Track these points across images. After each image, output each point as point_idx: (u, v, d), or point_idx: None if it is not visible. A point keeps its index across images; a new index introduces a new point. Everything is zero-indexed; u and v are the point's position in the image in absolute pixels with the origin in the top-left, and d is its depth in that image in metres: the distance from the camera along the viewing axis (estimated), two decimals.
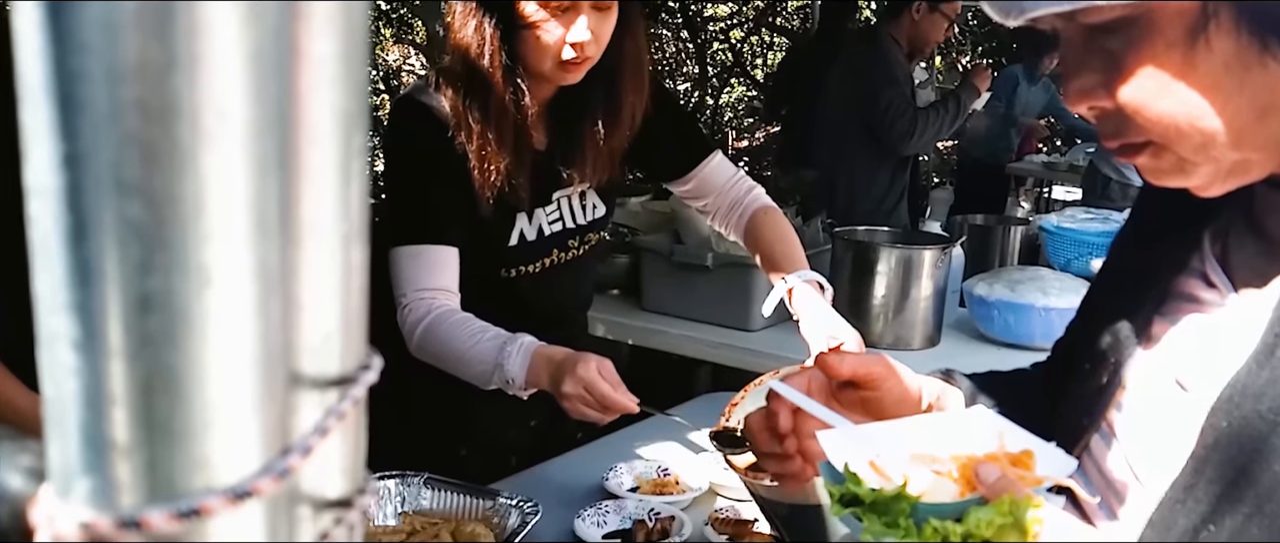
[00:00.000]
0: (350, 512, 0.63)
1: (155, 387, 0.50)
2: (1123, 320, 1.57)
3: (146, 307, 0.49)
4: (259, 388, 0.53)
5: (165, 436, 0.51)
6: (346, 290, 0.60)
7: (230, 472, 0.53)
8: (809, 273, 3.02)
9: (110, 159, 0.47)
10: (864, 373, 1.69)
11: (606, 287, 5.07)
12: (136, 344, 0.49)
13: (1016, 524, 1.20)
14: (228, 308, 0.51)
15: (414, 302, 2.78)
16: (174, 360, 0.50)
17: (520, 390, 2.68)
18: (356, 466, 0.64)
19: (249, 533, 0.55)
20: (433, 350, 2.76)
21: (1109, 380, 1.56)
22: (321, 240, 0.57)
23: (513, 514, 2.59)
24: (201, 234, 0.49)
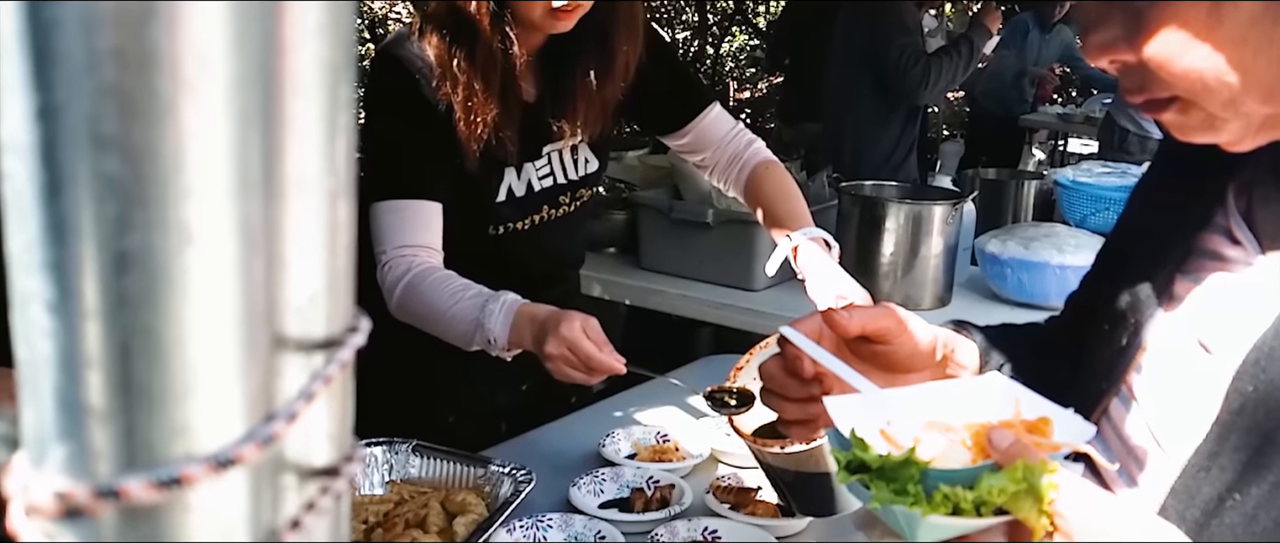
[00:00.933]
0: (337, 480, 0.62)
1: (133, 349, 0.50)
2: (1143, 279, 1.56)
3: (124, 266, 0.49)
4: (242, 351, 0.53)
5: (144, 400, 0.50)
6: (333, 249, 0.59)
7: (212, 439, 0.52)
8: (814, 230, 3.01)
9: (86, 112, 0.47)
10: (874, 328, 1.67)
11: (602, 244, 5.07)
12: (114, 305, 0.49)
13: (1031, 491, 1.20)
14: (209, 267, 0.50)
15: (394, 259, 2.77)
16: (153, 322, 0.50)
17: (502, 351, 2.67)
18: (344, 432, 0.64)
19: (231, 503, 0.54)
20: (413, 310, 2.75)
21: (1129, 342, 1.56)
22: (307, 196, 0.56)
23: (505, 483, 2.59)
24: (181, 190, 0.49)
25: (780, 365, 1.70)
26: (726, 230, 4.51)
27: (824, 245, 2.98)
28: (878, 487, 1.24)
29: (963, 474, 1.24)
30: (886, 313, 1.69)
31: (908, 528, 1.25)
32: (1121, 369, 1.56)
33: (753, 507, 2.65)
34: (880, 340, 1.68)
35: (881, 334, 1.67)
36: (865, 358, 1.68)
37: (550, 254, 3.25)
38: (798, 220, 3.05)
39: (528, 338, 2.61)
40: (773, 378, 1.71)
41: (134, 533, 0.52)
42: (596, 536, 2.51)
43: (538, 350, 2.58)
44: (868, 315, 1.67)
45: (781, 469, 2.13)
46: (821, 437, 1.93)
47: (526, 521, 2.53)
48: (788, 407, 1.72)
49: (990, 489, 1.20)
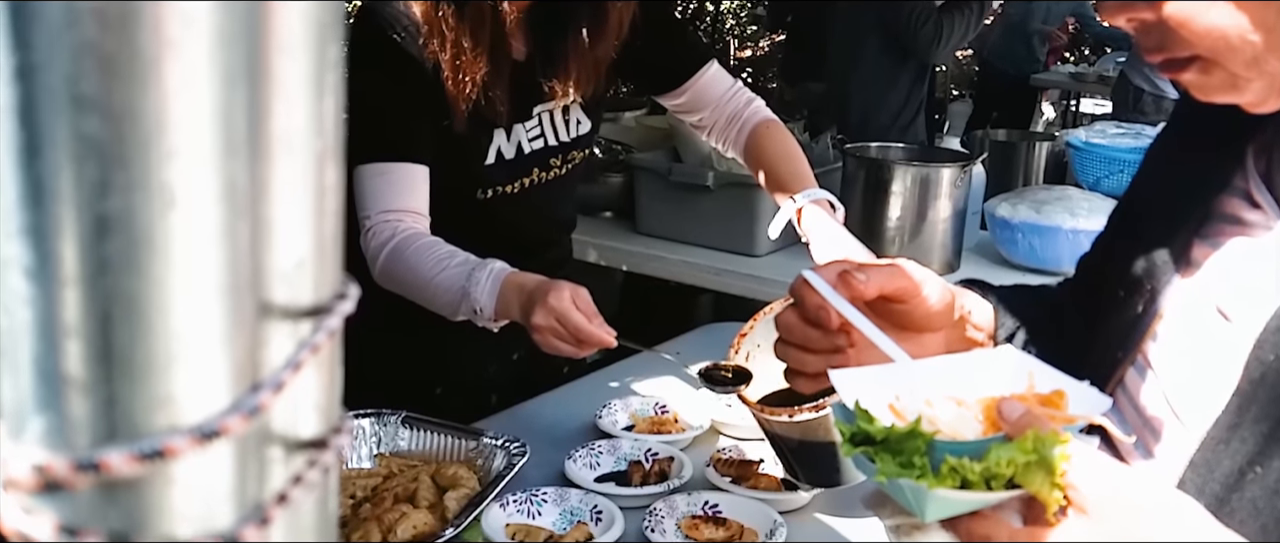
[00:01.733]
0: (325, 453, 0.62)
1: (114, 317, 0.50)
2: (1159, 244, 1.55)
3: (105, 230, 0.49)
4: (226, 318, 0.53)
5: (125, 370, 0.51)
6: (320, 213, 0.59)
7: (196, 410, 0.53)
8: (818, 192, 3.00)
9: (65, 71, 0.47)
10: (892, 289, 1.64)
11: (598, 208, 5.06)
12: (94, 271, 0.49)
13: (1042, 462, 1.20)
14: (192, 231, 0.50)
15: (378, 224, 2.75)
16: (135, 288, 0.50)
17: (489, 321, 2.67)
18: (332, 403, 0.64)
19: (216, 476, 0.55)
20: (397, 278, 2.74)
21: (1145, 309, 1.55)
22: (293, 158, 0.56)
23: (498, 456, 2.59)
24: (164, 151, 0.49)
25: (800, 317, 1.66)
26: (727, 194, 4.50)
27: (829, 208, 2.97)
28: (883, 460, 1.24)
29: (971, 446, 1.24)
30: (903, 272, 1.66)
31: (915, 504, 1.25)
32: (1137, 338, 1.56)
33: (755, 480, 2.65)
34: (897, 300, 1.65)
35: (899, 294, 1.65)
36: (881, 316, 1.65)
37: (541, 219, 3.24)
38: (801, 182, 3.04)
39: (515, 308, 2.60)
40: (792, 330, 1.67)
41: (115, 507, 0.52)
42: (593, 510, 2.51)
43: (525, 322, 2.58)
44: (884, 276, 1.64)
45: (787, 438, 2.13)
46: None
47: (520, 495, 2.53)
48: (811, 360, 1.68)
49: (999, 461, 1.20)
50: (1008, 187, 5.04)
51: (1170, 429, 1.48)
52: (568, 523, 2.50)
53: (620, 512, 2.48)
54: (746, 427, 2.92)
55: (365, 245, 2.74)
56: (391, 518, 2.33)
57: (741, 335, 2.21)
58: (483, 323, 2.67)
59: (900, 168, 4.24)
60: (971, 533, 1.26)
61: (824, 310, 1.60)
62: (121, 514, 0.52)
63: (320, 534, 0.64)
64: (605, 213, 5.10)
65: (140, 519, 0.53)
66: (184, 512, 0.54)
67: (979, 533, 1.25)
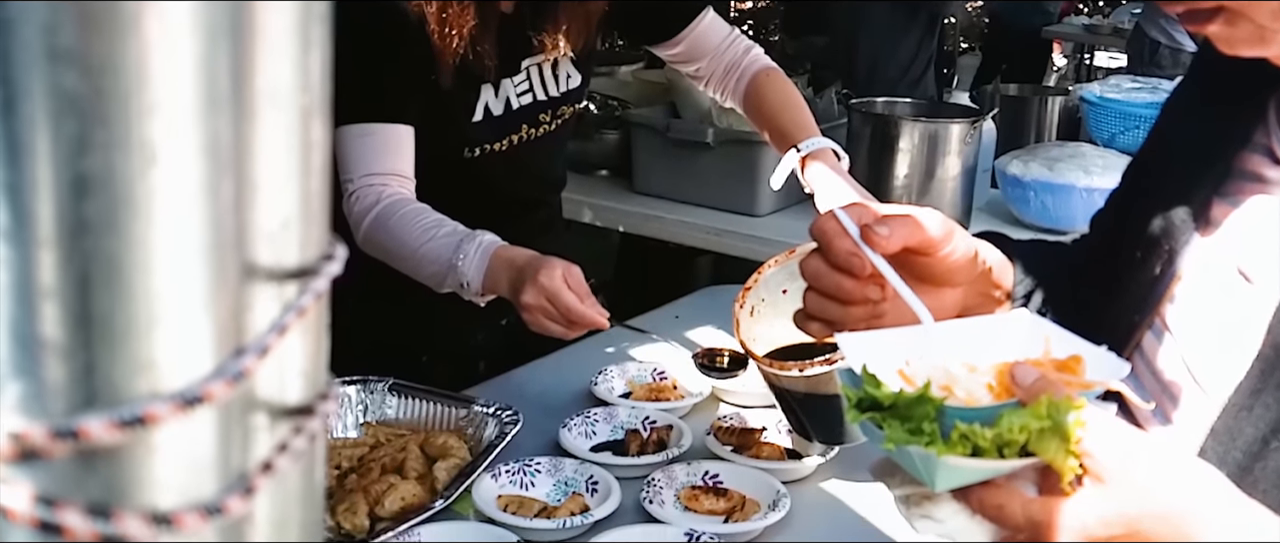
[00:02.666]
0: (311, 420, 0.62)
1: (93, 279, 0.50)
2: (1177, 203, 1.55)
3: (83, 189, 0.48)
4: (209, 280, 0.53)
5: (105, 334, 0.50)
6: (306, 171, 0.59)
7: (178, 375, 0.53)
8: (822, 140, 2.99)
9: (42, 21, 0.47)
10: (916, 242, 1.59)
11: (593, 167, 5.06)
12: (72, 231, 0.49)
13: (1056, 429, 1.20)
14: (174, 190, 0.50)
15: (362, 189, 2.74)
16: (114, 249, 0.50)
17: (476, 296, 2.67)
18: (318, 368, 0.64)
19: (198, 444, 0.55)
20: (381, 245, 2.73)
21: (1163, 271, 1.55)
22: (278, 113, 0.56)
23: (489, 424, 2.59)
24: (144, 106, 0.49)
25: (828, 263, 1.60)
26: (728, 151, 4.50)
27: (833, 157, 2.97)
28: (891, 426, 1.24)
29: (983, 412, 1.24)
30: (928, 224, 1.61)
31: (925, 472, 1.25)
32: (1155, 301, 1.55)
33: (757, 449, 2.65)
34: (920, 252, 1.61)
35: (922, 246, 1.60)
36: (901, 266, 1.58)
37: (530, 177, 3.23)
38: (804, 130, 3.04)
39: (504, 284, 2.60)
40: (821, 277, 1.61)
41: (94, 477, 0.52)
42: (588, 480, 2.52)
43: (514, 299, 2.57)
44: (908, 229, 1.58)
45: (796, 394, 2.13)
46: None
47: (513, 465, 2.53)
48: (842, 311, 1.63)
49: (1012, 427, 1.20)
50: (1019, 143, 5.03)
51: (1190, 396, 1.47)
52: (562, 494, 2.50)
53: (617, 482, 2.48)
54: (748, 393, 2.92)
55: (348, 210, 2.73)
56: (379, 490, 2.34)
57: (746, 290, 2.21)
58: (469, 297, 2.66)
59: (908, 124, 4.23)
60: (983, 503, 1.26)
61: (857, 257, 1.55)
62: (101, 484, 0.52)
63: (306, 505, 0.64)
64: (601, 171, 5.09)
65: (120, 489, 0.52)
66: (166, 481, 0.53)
67: (991, 503, 1.25)
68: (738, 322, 2.18)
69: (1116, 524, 1.21)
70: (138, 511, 0.52)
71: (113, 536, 0.52)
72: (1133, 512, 1.21)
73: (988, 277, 1.71)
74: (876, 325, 1.63)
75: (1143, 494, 1.21)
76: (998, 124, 4.87)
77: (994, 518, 1.27)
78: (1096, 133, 5.40)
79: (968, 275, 1.68)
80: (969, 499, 1.27)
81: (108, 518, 0.52)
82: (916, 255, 1.61)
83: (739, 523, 2.39)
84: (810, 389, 2.11)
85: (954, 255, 1.62)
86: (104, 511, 0.52)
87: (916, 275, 1.62)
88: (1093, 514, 1.21)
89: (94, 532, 0.51)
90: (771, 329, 2.13)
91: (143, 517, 0.52)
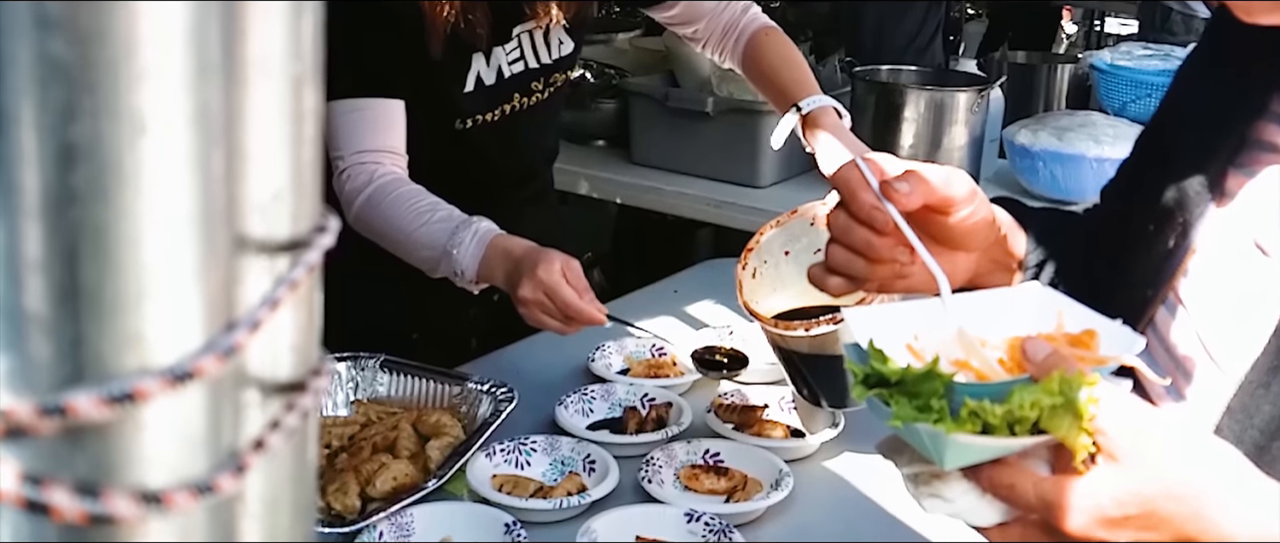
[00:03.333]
0: (304, 396, 0.63)
1: (81, 251, 0.50)
2: (1191, 173, 1.55)
3: (70, 158, 0.49)
4: (200, 253, 0.53)
5: (93, 307, 0.50)
6: (299, 140, 0.59)
7: (167, 350, 0.53)
8: (823, 98, 2.99)
9: None
10: (937, 200, 1.58)
11: (590, 137, 5.06)
12: (59, 201, 0.49)
13: (1069, 406, 1.20)
14: (164, 159, 0.50)
15: (354, 167, 2.73)
16: (103, 220, 0.50)
17: (470, 284, 2.67)
18: (310, 343, 0.64)
19: (188, 421, 0.55)
20: (373, 227, 2.72)
21: (1177, 244, 1.54)
22: (270, 82, 0.56)
23: (484, 402, 2.59)
24: (134, 74, 0.49)
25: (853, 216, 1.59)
26: (728, 121, 4.50)
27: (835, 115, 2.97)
28: (899, 403, 1.24)
29: (993, 388, 1.24)
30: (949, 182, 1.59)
31: (934, 450, 1.25)
32: (1168, 274, 1.55)
33: (759, 427, 2.66)
34: (940, 211, 1.59)
35: (943, 205, 1.58)
36: (917, 225, 1.57)
37: (522, 149, 3.21)
38: (805, 88, 3.03)
39: (499, 274, 2.60)
40: (849, 232, 1.60)
41: (82, 454, 0.52)
42: (585, 459, 2.52)
43: (510, 291, 2.57)
44: (928, 187, 1.56)
45: (803, 355, 2.14)
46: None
47: (508, 443, 2.53)
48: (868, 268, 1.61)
49: (1023, 403, 1.20)
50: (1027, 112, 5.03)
51: (1205, 372, 1.47)
52: (559, 474, 2.50)
53: (615, 461, 2.49)
54: (750, 370, 2.92)
55: (339, 188, 2.72)
56: (370, 469, 2.34)
57: (747, 251, 2.21)
58: (462, 285, 2.66)
59: (913, 92, 4.23)
60: (994, 482, 1.26)
61: (879, 211, 1.54)
62: (89, 461, 0.52)
63: (299, 484, 0.65)
64: (597, 142, 5.09)
65: (109, 467, 0.53)
66: (155, 459, 0.53)
67: (1002, 482, 1.26)
68: (740, 283, 2.18)
69: (1131, 504, 1.21)
70: (127, 489, 0.53)
71: (101, 514, 0.52)
72: (1148, 491, 1.21)
73: (1002, 244, 1.71)
74: (898, 289, 1.64)
75: (1158, 473, 1.21)
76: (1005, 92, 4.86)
77: (1005, 498, 1.27)
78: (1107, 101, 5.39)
79: (983, 240, 1.66)
80: (979, 478, 1.27)
81: (96, 497, 0.52)
82: (935, 214, 1.60)
83: (741, 503, 2.39)
84: (816, 350, 2.11)
85: (973, 218, 1.61)
86: (92, 489, 0.52)
87: (932, 235, 1.61)
88: (1106, 494, 1.21)
89: (82, 511, 0.51)
90: (774, 292, 2.14)
91: (132, 495, 0.52)
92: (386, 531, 2.20)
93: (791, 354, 2.16)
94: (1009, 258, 1.71)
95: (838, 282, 1.64)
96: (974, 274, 1.67)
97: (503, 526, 2.22)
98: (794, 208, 2.21)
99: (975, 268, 1.67)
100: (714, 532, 2.24)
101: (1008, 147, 4.47)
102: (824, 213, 2.25)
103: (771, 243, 2.20)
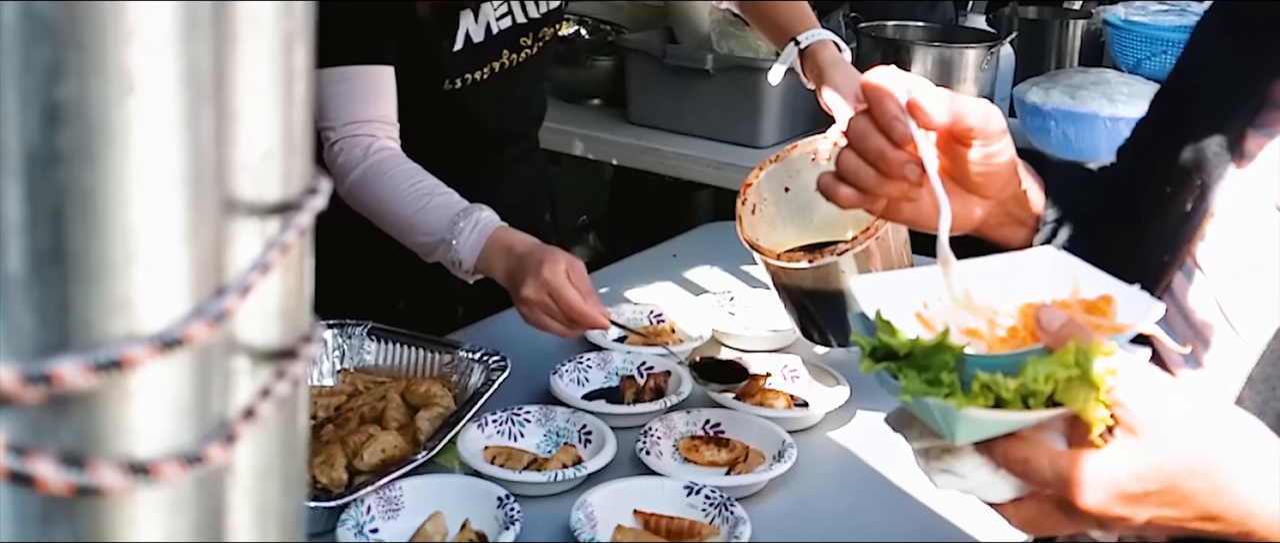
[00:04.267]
0: (294, 364, 0.63)
1: (67, 213, 0.50)
2: (1209, 134, 1.54)
3: (56, 118, 0.49)
4: (189, 215, 0.53)
5: (79, 272, 0.51)
6: (289, 100, 0.59)
7: (156, 315, 0.53)
8: (822, 32, 2.99)
9: None
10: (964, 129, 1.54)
11: (585, 96, 5.05)
12: (44, 162, 0.49)
13: (1085, 378, 1.20)
14: (152, 119, 0.50)
15: (346, 140, 2.73)
16: (89, 181, 0.50)
17: (466, 275, 2.66)
18: (301, 308, 0.64)
19: (177, 389, 0.55)
20: (368, 204, 2.72)
21: (1194, 207, 1.54)
22: (260, 38, 0.56)
23: (475, 371, 2.59)
24: (122, 32, 0.49)
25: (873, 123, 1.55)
26: (728, 79, 4.49)
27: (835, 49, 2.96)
28: (908, 376, 1.24)
29: (1006, 360, 1.23)
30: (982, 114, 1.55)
31: (945, 425, 1.25)
32: (1186, 239, 1.54)
33: (761, 396, 2.66)
34: (965, 141, 1.56)
35: (968, 135, 1.55)
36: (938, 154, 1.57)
37: (511, 107, 3.20)
38: (803, 23, 3.04)
39: (499, 269, 2.60)
40: (866, 137, 1.56)
41: (67, 424, 0.52)
42: (581, 430, 2.52)
43: (511, 288, 2.58)
44: (960, 106, 1.52)
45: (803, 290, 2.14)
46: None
47: (501, 414, 2.54)
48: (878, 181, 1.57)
49: (1037, 376, 1.20)
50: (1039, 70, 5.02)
51: (1225, 339, 1.47)
52: (553, 445, 2.51)
53: (612, 432, 2.49)
54: (752, 337, 2.92)
55: (330, 161, 2.71)
56: (357, 441, 2.34)
57: (746, 186, 2.21)
58: (459, 274, 2.65)
59: (920, 49, 4.23)
60: (1008, 457, 1.26)
61: (899, 121, 1.51)
62: (74, 431, 0.52)
63: (289, 454, 0.65)
64: (592, 101, 5.08)
65: (95, 437, 0.53)
66: (142, 429, 0.54)
67: (1016, 457, 1.25)
68: (740, 218, 2.18)
69: (1151, 480, 1.21)
70: (113, 460, 0.53)
71: (87, 485, 0.52)
72: (1168, 467, 1.21)
73: (1021, 198, 1.68)
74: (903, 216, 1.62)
75: (1179, 447, 1.20)
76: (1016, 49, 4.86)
77: (1019, 473, 1.27)
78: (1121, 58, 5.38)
79: (1000, 188, 1.63)
80: (992, 453, 1.27)
81: (82, 468, 0.52)
82: (958, 146, 1.58)
83: (742, 475, 2.39)
84: (819, 284, 2.11)
85: (995, 159, 1.58)
86: (78, 460, 0.52)
87: (950, 174, 1.59)
88: (1125, 469, 1.21)
89: (67, 482, 0.52)
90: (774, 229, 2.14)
91: (118, 466, 0.52)
92: (374, 505, 2.20)
93: (794, 291, 2.16)
94: (1025, 212, 1.69)
95: (847, 192, 1.61)
96: (985, 223, 1.65)
97: (495, 499, 2.23)
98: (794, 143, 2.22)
99: (987, 217, 1.65)
100: (715, 505, 2.24)
101: (1018, 106, 4.47)
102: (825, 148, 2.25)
103: (772, 178, 2.20)
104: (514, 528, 2.14)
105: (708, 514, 2.24)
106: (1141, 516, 1.24)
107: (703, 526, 2.22)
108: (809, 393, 2.71)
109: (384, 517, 2.20)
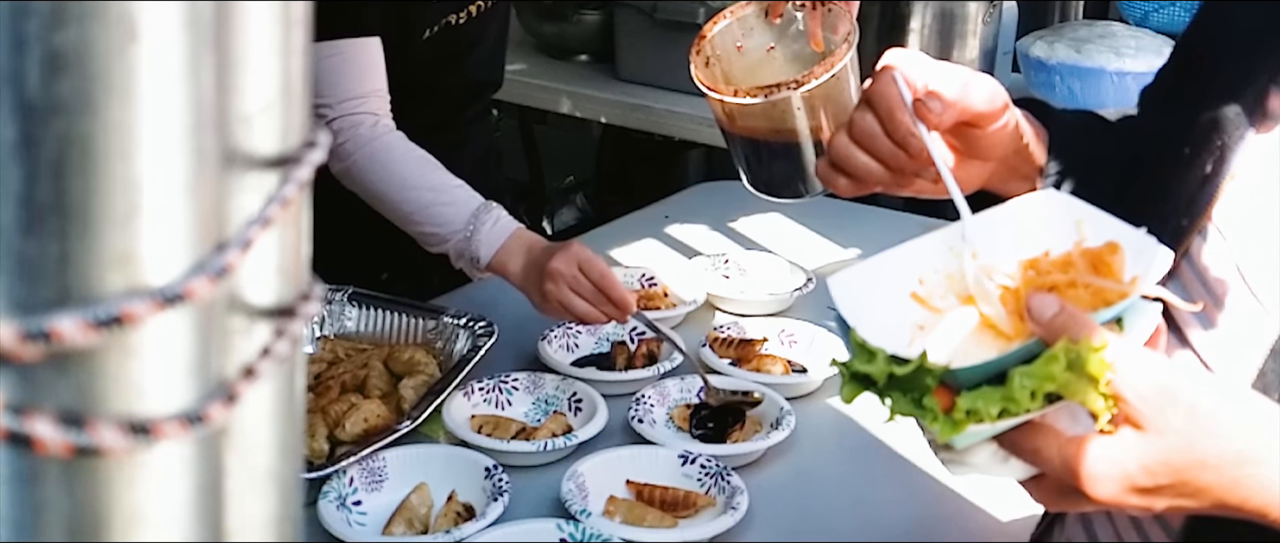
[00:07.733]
0: (293, 322, 0.63)
1: (68, 164, 0.50)
2: (1229, 93, 1.53)
3: (57, 66, 0.49)
4: (191, 167, 0.53)
5: (80, 225, 0.51)
6: (288, 50, 0.60)
7: (159, 270, 0.53)
8: None
9: None
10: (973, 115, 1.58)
11: (572, 52, 5.04)
12: (45, 112, 0.49)
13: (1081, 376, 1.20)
14: (155, 67, 0.50)
15: (346, 119, 2.72)
16: (91, 131, 0.50)
17: (476, 269, 2.66)
18: (299, 265, 0.64)
19: (176, 347, 0.55)
20: (372, 187, 2.72)
21: (1214, 169, 1.53)
22: None
23: (461, 337, 2.60)
24: None
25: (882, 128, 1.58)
26: None
27: None
28: (894, 398, 1.24)
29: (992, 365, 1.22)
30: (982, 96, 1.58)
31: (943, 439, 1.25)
32: (1205, 202, 1.53)
33: (758, 362, 2.66)
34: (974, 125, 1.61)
35: (974, 121, 1.59)
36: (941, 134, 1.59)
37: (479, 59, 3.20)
38: None
39: (516, 264, 2.61)
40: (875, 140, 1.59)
41: (66, 381, 0.52)
42: (571, 398, 2.53)
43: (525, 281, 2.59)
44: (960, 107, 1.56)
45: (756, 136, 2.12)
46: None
47: (488, 382, 2.54)
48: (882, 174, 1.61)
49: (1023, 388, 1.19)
50: (1043, 23, 5.02)
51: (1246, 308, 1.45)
52: (542, 413, 2.52)
53: (603, 400, 2.50)
54: (749, 301, 2.93)
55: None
56: (339, 410, 2.34)
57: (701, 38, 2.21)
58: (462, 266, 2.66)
59: (920, 4, 4.22)
60: (1018, 447, 1.26)
61: (915, 138, 1.54)
62: (73, 389, 0.52)
63: (289, 414, 0.65)
64: (580, 57, 5.07)
65: (95, 395, 0.53)
66: (143, 387, 0.54)
67: (1026, 447, 1.25)
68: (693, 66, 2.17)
69: (1161, 474, 1.21)
70: (113, 419, 0.53)
71: (86, 445, 0.52)
72: (1178, 463, 1.20)
73: (1023, 152, 1.69)
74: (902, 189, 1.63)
75: (1187, 443, 1.20)
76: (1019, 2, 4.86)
77: (1030, 461, 1.27)
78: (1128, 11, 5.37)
79: (1005, 150, 1.66)
80: (1001, 443, 1.27)
81: (81, 427, 0.52)
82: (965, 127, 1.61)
83: (738, 444, 2.40)
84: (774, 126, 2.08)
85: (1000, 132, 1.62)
86: (77, 419, 0.52)
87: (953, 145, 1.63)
88: (1134, 462, 1.21)
89: (66, 442, 0.52)
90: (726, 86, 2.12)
91: (119, 425, 0.53)
92: (357, 476, 2.20)
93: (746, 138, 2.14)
94: (1027, 166, 1.70)
95: (846, 182, 1.64)
96: (989, 183, 1.66)
97: (483, 470, 2.24)
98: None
99: (987, 178, 1.66)
100: (710, 475, 2.25)
101: (1022, 60, 4.47)
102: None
103: (723, 36, 2.20)
104: (502, 499, 2.14)
105: (703, 484, 2.25)
106: (1158, 505, 1.24)
107: (698, 496, 2.23)
108: (807, 358, 2.72)
109: (367, 488, 2.21)
